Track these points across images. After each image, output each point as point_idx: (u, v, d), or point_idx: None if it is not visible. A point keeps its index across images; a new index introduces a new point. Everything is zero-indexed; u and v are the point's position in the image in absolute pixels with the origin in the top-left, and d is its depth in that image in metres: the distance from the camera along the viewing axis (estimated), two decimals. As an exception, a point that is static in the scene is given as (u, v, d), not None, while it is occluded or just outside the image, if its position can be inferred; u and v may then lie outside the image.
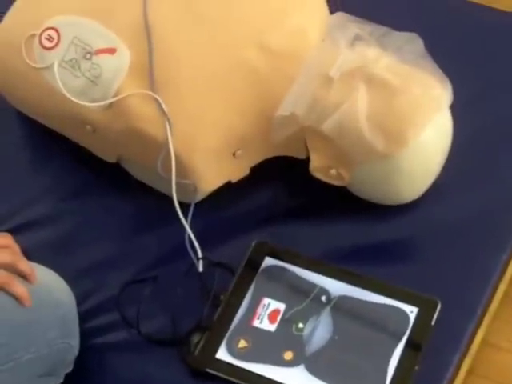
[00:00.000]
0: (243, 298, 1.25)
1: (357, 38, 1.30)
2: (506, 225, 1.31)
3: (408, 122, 1.25)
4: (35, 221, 1.37)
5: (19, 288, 1.13)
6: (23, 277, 1.15)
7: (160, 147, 1.26)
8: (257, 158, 1.35)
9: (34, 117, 1.43)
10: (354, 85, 1.26)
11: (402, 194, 1.32)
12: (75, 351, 1.19)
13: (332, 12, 1.36)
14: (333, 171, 1.30)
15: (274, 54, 1.30)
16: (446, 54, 1.32)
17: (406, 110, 1.25)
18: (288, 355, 1.20)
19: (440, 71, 1.28)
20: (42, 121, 1.43)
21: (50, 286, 1.18)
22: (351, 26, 1.31)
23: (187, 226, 1.28)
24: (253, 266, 1.28)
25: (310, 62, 1.29)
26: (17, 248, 1.18)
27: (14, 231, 1.33)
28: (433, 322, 1.21)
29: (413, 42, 1.30)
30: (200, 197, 1.33)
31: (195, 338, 1.22)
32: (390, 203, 1.32)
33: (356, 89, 1.25)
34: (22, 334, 1.13)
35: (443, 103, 1.28)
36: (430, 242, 1.30)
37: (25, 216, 1.37)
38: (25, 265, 1.15)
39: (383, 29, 1.31)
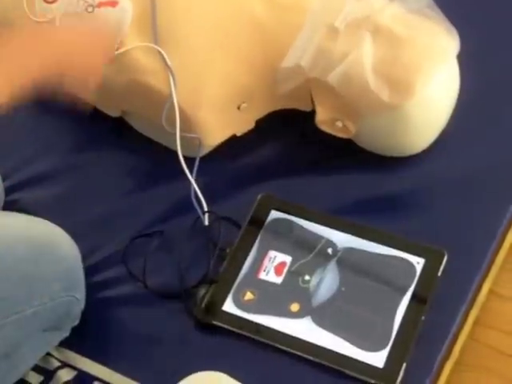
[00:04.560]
0: (249, 251, 1.25)
1: (363, -12, 1.28)
2: (513, 175, 1.30)
3: (414, 73, 1.24)
4: (40, 176, 1.36)
5: None
6: None
7: (164, 100, 1.25)
8: (262, 111, 1.34)
9: (37, 72, 1.42)
10: (360, 35, 1.24)
11: (409, 145, 1.31)
12: (81, 304, 1.19)
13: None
14: (338, 123, 1.29)
15: (279, 5, 1.29)
16: (453, 4, 1.30)
17: (413, 60, 1.24)
18: (294, 307, 1.20)
19: (447, 21, 1.26)
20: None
21: (53, 240, 1.18)
22: (357, -25, 1.30)
23: (192, 180, 1.28)
24: (258, 219, 1.28)
25: (315, 13, 1.28)
26: None
27: (18, 187, 1.33)
28: (439, 273, 1.21)
29: (419, -8, 1.28)
30: (205, 151, 1.32)
31: (201, 291, 1.22)
32: (396, 155, 1.31)
33: (362, 39, 1.24)
34: (24, 287, 1.13)
35: (450, 53, 1.27)
36: (436, 193, 1.29)
37: (29, 171, 1.37)
38: None
39: (389, -22, 1.30)
